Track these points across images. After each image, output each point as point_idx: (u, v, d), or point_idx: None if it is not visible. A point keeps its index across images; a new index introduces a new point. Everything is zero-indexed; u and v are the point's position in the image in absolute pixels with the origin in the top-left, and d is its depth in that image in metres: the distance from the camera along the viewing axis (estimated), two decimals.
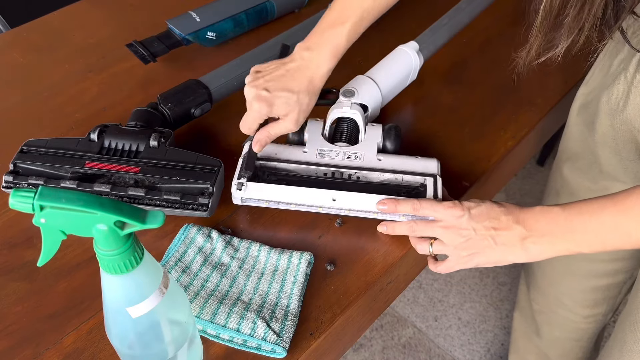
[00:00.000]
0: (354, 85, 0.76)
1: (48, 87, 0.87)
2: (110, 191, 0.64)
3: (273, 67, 0.66)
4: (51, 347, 0.56)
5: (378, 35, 0.96)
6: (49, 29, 0.99)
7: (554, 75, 0.89)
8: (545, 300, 1.02)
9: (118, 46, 0.92)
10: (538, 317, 1.06)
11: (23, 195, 0.38)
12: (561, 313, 1.00)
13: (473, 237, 0.59)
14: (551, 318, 1.03)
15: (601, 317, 0.99)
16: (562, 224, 0.56)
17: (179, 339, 0.49)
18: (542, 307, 1.04)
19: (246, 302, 0.59)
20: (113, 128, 0.69)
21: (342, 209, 0.66)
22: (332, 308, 0.60)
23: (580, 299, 0.96)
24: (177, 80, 0.78)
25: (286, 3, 0.98)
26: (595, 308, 0.96)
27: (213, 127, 0.80)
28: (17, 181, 0.65)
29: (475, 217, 0.59)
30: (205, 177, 0.65)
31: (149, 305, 0.44)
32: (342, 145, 0.72)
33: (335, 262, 0.64)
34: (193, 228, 0.65)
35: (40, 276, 0.62)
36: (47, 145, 0.68)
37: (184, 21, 0.89)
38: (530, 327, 1.10)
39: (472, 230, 0.59)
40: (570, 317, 0.99)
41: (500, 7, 0.98)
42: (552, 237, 0.57)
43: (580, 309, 0.97)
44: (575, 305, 0.97)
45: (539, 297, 1.03)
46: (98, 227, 0.39)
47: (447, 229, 0.61)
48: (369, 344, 1.42)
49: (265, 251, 0.64)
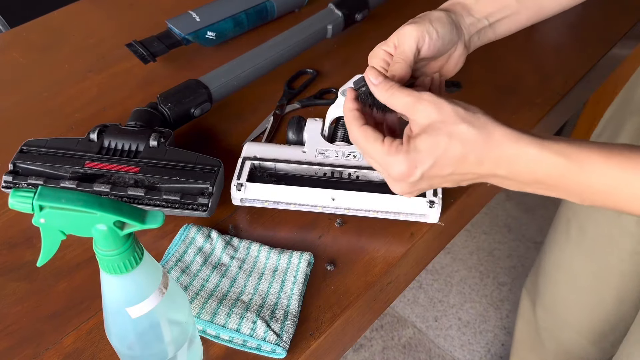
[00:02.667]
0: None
1: (48, 87, 0.87)
2: (110, 191, 0.64)
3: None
4: (51, 347, 0.56)
5: (377, 35, 0.96)
6: (48, 29, 0.99)
7: (554, 75, 0.89)
8: (552, 320, 1.00)
9: (118, 46, 0.92)
10: (543, 332, 1.04)
11: (22, 195, 0.37)
12: (568, 333, 0.98)
13: (425, 186, 0.51)
14: (558, 335, 1.01)
15: (610, 346, 0.96)
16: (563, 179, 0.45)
17: (179, 339, 0.49)
18: (548, 325, 1.02)
19: (246, 302, 0.59)
20: (113, 128, 0.69)
21: (341, 208, 0.66)
22: (332, 308, 0.60)
23: (588, 327, 0.94)
24: (177, 80, 0.78)
25: (286, 3, 0.98)
26: (603, 336, 0.94)
27: (213, 127, 0.80)
28: (17, 181, 0.65)
29: (428, 178, 0.49)
30: (205, 177, 0.65)
31: (149, 305, 0.44)
32: (341, 144, 0.72)
33: (335, 262, 0.64)
34: (193, 228, 0.65)
35: (40, 276, 0.62)
36: (47, 145, 0.68)
37: (183, 21, 0.89)
38: (534, 340, 1.08)
39: (426, 182, 0.50)
40: (577, 339, 0.97)
41: None
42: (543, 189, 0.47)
43: (588, 334, 0.95)
44: (582, 329, 0.95)
45: (545, 316, 1.01)
46: (98, 227, 0.39)
47: (391, 182, 0.52)
48: (369, 344, 1.42)
49: (265, 251, 0.64)
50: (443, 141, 0.47)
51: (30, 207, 0.38)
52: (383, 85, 0.52)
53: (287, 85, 0.87)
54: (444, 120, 0.47)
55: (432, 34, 0.55)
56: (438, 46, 0.56)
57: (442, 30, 0.56)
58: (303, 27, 0.89)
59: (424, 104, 0.48)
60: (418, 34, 0.55)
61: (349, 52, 0.94)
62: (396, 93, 0.51)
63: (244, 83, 0.82)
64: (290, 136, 0.73)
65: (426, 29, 0.55)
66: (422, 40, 0.55)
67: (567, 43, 0.97)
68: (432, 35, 0.55)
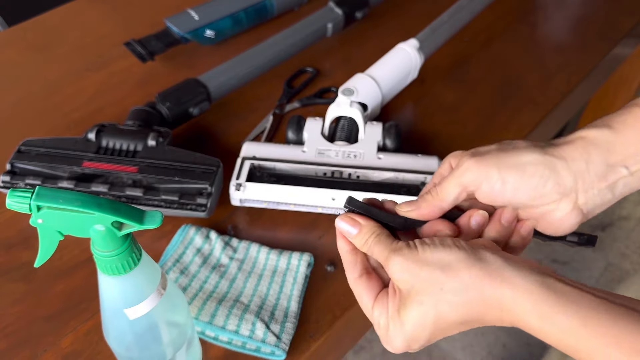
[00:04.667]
0: (354, 84, 0.75)
1: (45, 86, 0.86)
2: (108, 191, 0.63)
3: None
4: (49, 349, 0.56)
5: (378, 33, 0.96)
6: (46, 28, 0.98)
7: (557, 74, 0.89)
8: None
9: (116, 45, 0.91)
10: None
11: (20, 196, 0.37)
12: None
13: None
14: None
15: None
16: None
17: (178, 340, 0.48)
18: None
19: (245, 303, 0.58)
20: (111, 127, 0.69)
21: (342, 208, 0.66)
22: (332, 310, 0.60)
23: None
24: (175, 79, 0.78)
25: (286, 1, 0.97)
26: None
27: (212, 126, 0.80)
28: (14, 181, 0.65)
29: (432, 340, 0.40)
30: (204, 177, 0.65)
31: (147, 306, 0.43)
32: (341, 144, 0.71)
33: (336, 263, 0.64)
34: (191, 228, 0.64)
35: (38, 277, 0.62)
36: (45, 145, 0.67)
37: (182, 19, 0.89)
38: None
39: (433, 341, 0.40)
40: None
41: (503, 4, 0.98)
42: None
43: None
44: None
45: None
46: (95, 228, 0.38)
47: None
48: (370, 346, 1.42)
49: (265, 252, 0.63)
50: (430, 313, 0.38)
51: (27, 207, 0.37)
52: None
53: (287, 84, 0.86)
54: (420, 289, 0.38)
55: (493, 183, 0.41)
56: (507, 198, 0.42)
57: (516, 182, 0.41)
58: (303, 26, 0.88)
59: (394, 261, 0.39)
60: (462, 182, 0.42)
61: (349, 50, 0.94)
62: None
63: (243, 82, 0.82)
64: (290, 136, 0.73)
65: (485, 175, 0.41)
66: (474, 186, 0.42)
67: (569, 42, 0.97)
68: (493, 185, 0.41)
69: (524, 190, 0.41)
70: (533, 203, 0.41)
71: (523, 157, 0.41)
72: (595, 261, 1.57)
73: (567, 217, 0.41)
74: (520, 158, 0.41)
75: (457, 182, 0.42)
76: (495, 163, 0.41)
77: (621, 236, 1.63)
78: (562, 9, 1.02)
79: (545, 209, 0.42)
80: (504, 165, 0.41)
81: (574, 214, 0.41)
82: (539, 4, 1.04)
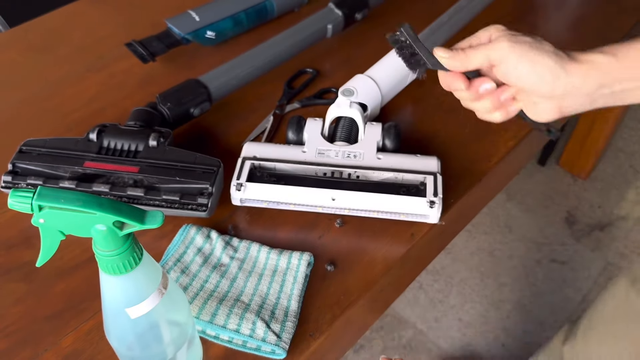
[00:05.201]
0: (353, 84, 0.75)
1: (46, 86, 0.87)
2: (109, 191, 0.64)
3: None
4: (50, 349, 0.56)
5: (377, 34, 0.96)
6: (47, 29, 0.98)
7: None
8: None
9: (117, 45, 0.92)
10: None
11: (22, 195, 0.37)
12: None
13: None
14: None
15: None
16: None
17: (178, 339, 0.49)
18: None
19: (245, 302, 0.59)
20: (112, 128, 0.69)
21: (342, 208, 0.66)
22: (332, 309, 0.60)
23: None
24: (176, 80, 0.78)
25: (286, 2, 0.98)
26: None
27: (212, 126, 0.80)
28: (16, 181, 0.65)
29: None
30: (205, 177, 0.65)
31: (148, 305, 0.43)
32: (341, 144, 0.71)
33: (336, 263, 0.64)
34: (192, 228, 0.65)
35: (39, 277, 0.62)
36: (46, 145, 0.68)
37: (183, 20, 0.89)
38: None
39: None
40: None
41: (502, 5, 0.98)
42: None
43: None
44: None
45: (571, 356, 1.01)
46: (97, 228, 0.38)
47: None
48: (370, 344, 1.42)
49: (265, 251, 0.64)
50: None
51: (29, 207, 0.38)
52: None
53: (287, 85, 0.87)
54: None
55: (512, 69, 0.52)
56: (512, 81, 0.53)
57: (524, 73, 0.52)
58: (303, 27, 0.89)
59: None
60: (490, 57, 0.53)
61: (349, 51, 0.94)
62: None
63: (244, 82, 0.82)
64: (290, 136, 0.73)
65: (508, 59, 0.52)
66: (497, 62, 0.53)
67: (567, 43, 0.96)
68: (510, 70, 0.52)
69: (526, 81, 0.52)
70: (528, 91, 0.53)
71: (541, 59, 0.51)
72: (594, 261, 1.57)
73: (547, 112, 0.54)
74: (538, 58, 0.51)
75: (487, 53, 0.52)
76: (521, 54, 0.51)
77: (619, 236, 1.63)
78: (562, 9, 1.03)
79: (535, 99, 0.53)
80: (525, 58, 0.51)
81: (553, 112, 0.53)
82: (538, 4, 1.04)
